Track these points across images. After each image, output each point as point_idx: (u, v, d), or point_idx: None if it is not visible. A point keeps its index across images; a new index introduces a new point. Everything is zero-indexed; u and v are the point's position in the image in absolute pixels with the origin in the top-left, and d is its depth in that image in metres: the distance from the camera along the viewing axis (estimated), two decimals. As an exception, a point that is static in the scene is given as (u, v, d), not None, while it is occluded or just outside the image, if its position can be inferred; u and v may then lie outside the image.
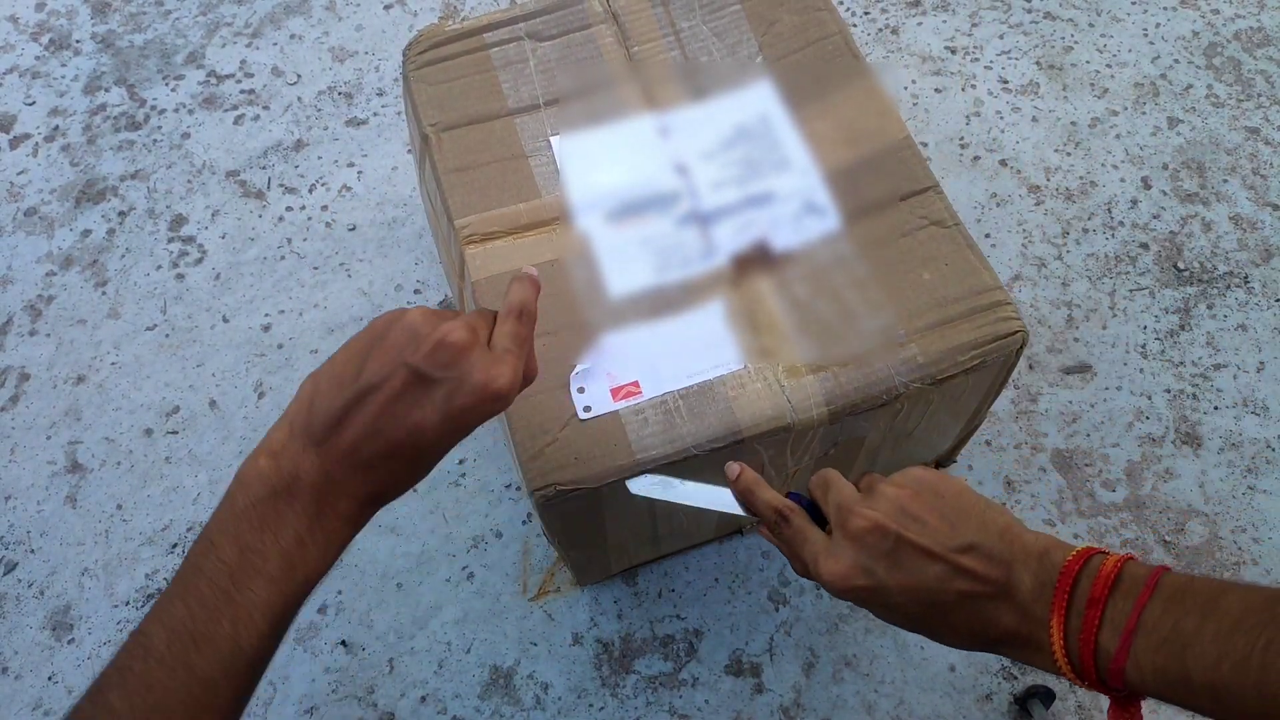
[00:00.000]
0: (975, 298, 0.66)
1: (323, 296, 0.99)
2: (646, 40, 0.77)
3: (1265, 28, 1.13)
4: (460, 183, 0.72)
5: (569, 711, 0.79)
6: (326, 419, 0.44)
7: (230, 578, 0.41)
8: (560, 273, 0.68)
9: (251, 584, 0.41)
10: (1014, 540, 0.45)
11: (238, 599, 0.40)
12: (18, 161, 1.09)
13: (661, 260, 0.68)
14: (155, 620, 0.41)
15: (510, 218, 0.70)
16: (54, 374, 0.96)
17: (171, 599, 0.41)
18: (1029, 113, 1.08)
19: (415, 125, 0.77)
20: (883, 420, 0.67)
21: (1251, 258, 0.98)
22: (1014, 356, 0.67)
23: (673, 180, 0.71)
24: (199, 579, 0.41)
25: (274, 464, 0.43)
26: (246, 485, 0.43)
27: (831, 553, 0.49)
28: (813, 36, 0.77)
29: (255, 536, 0.42)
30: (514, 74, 0.76)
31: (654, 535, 0.77)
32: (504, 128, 0.74)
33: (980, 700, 0.78)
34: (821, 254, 0.68)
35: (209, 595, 0.40)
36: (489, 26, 0.77)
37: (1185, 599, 0.41)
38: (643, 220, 0.70)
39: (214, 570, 0.41)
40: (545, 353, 0.65)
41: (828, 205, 0.69)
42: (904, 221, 0.69)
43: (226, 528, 0.42)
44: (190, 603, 0.40)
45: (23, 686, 0.81)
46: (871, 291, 0.66)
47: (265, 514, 0.42)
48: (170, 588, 0.41)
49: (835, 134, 0.72)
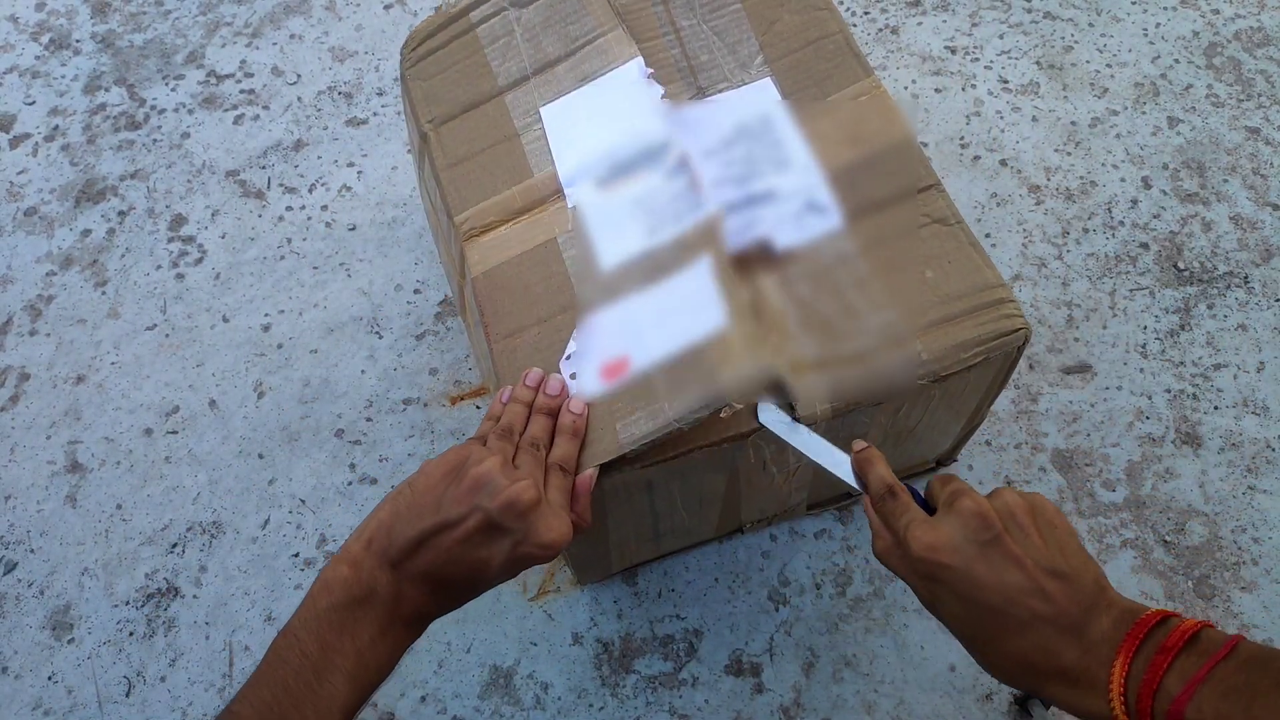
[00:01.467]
0: (978, 295, 0.66)
1: (323, 296, 0.99)
2: (646, 39, 0.77)
3: (1265, 28, 1.13)
4: (457, 176, 0.72)
5: (569, 711, 0.79)
6: (404, 544, 0.50)
7: (313, 671, 0.46)
8: (554, 253, 0.68)
9: (331, 678, 0.46)
10: (1103, 591, 0.46)
11: (319, 690, 0.46)
12: (18, 161, 1.09)
13: (652, 220, 0.68)
14: (244, 702, 0.46)
15: (504, 204, 0.70)
16: (54, 374, 0.96)
17: (258, 684, 0.46)
18: (1029, 112, 1.08)
19: (414, 125, 0.77)
20: (883, 417, 0.67)
21: (1252, 258, 0.98)
22: (1016, 353, 0.67)
23: (661, 127, 0.71)
24: (284, 669, 0.46)
25: (355, 574, 0.49)
26: (330, 589, 0.49)
27: (930, 524, 0.50)
28: (813, 36, 0.77)
29: (335, 637, 0.47)
30: (501, 49, 0.76)
31: (655, 533, 0.77)
32: (495, 108, 0.74)
33: (980, 700, 0.78)
34: (824, 252, 0.68)
35: (293, 685, 0.46)
36: (474, 3, 0.77)
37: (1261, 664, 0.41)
38: (633, 179, 0.69)
39: (298, 663, 0.46)
40: (539, 341, 0.65)
41: (829, 204, 0.69)
42: (906, 220, 0.69)
43: (309, 625, 0.48)
44: (276, 690, 0.45)
45: (23, 686, 0.81)
46: (874, 290, 0.66)
47: (344, 618, 0.48)
48: (257, 673, 0.47)
49: (837, 133, 0.72)
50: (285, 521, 0.87)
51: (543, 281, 0.67)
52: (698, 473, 0.67)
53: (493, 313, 0.67)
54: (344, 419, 0.92)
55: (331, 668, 0.46)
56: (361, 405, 0.93)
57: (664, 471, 0.64)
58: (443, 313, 0.97)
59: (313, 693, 0.45)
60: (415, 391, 0.93)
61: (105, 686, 0.81)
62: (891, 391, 0.63)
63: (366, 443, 0.91)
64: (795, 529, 0.85)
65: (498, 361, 0.65)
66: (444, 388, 0.94)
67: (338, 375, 0.95)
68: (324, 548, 0.86)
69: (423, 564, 0.50)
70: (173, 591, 0.85)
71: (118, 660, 0.82)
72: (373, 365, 0.95)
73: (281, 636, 0.48)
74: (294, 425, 0.92)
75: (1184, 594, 0.82)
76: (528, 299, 0.67)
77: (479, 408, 0.92)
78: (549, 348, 0.65)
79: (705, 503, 0.74)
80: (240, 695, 0.46)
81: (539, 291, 0.67)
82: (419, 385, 0.94)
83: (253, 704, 0.45)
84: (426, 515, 0.50)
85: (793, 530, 0.85)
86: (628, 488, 0.65)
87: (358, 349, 0.96)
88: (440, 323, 0.97)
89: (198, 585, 0.85)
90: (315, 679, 0.46)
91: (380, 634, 0.49)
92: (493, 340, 0.66)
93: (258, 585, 0.85)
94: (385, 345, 0.96)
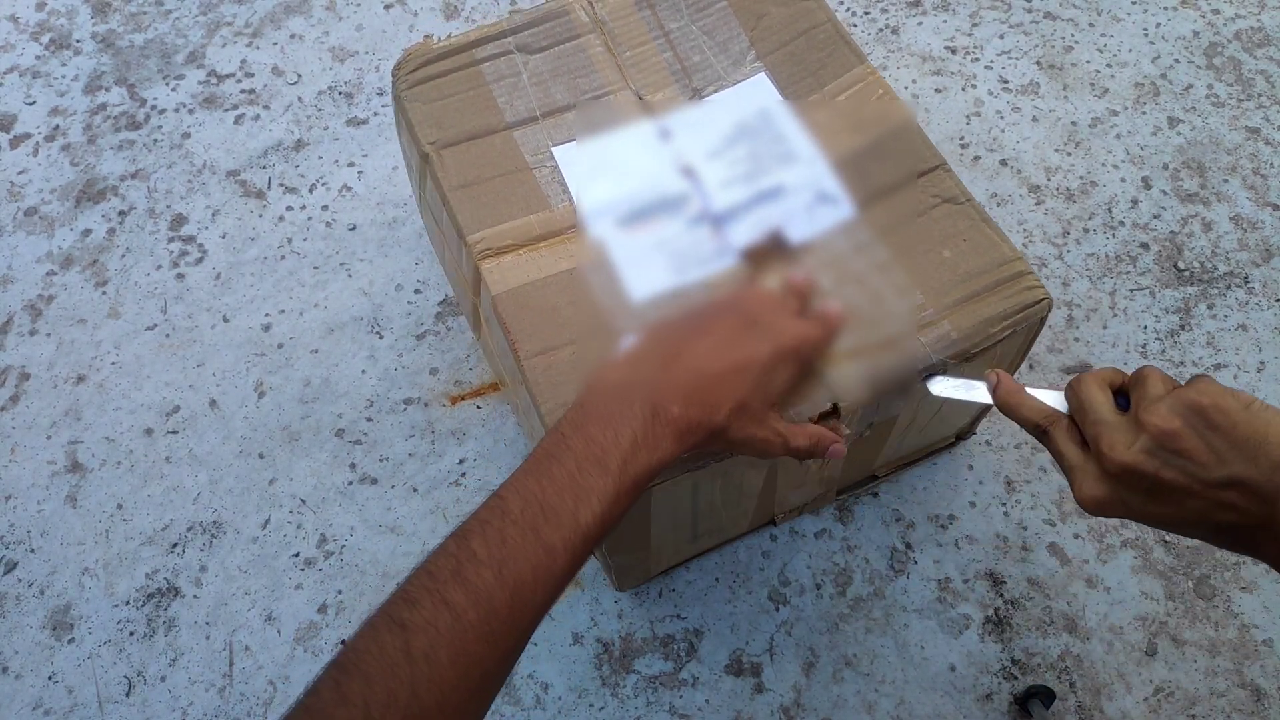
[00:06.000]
0: (997, 270, 0.66)
1: (323, 296, 0.99)
2: (637, 44, 0.77)
3: (1265, 28, 1.13)
4: (467, 198, 0.71)
5: (569, 711, 0.79)
6: (663, 351, 0.53)
7: (577, 464, 0.48)
8: (579, 282, 0.68)
9: (593, 471, 0.48)
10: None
11: (581, 482, 0.47)
12: (18, 161, 1.09)
13: (679, 262, 0.68)
14: (511, 489, 0.47)
15: (523, 230, 0.70)
16: (54, 374, 0.96)
17: (526, 475, 0.48)
18: (1029, 112, 1.08)
19: (411, 143, 0.76)
20: (913, 400, 0.68)
21: (1252, 258, 0.98)
22: (1039, 324, 0.68)
23: (679, 183, 0.71)
24: (550, 462, 0.48)
25: (618, 376, 0.52)
26: (595, 391, 0.52)
27: (1089, 477, 0.50)
28: (802, 27, 0.77)
29: (600, 432, 0.49)
30: (508, 88, 0.76)
31: (694, 534, 0.77)
32: (503, 141, 0.74)
33: (980, 700, 0.78)
34: (839, 242, 0.68)
35: (558, 475, 0.47)
36: (478, 42, 0.77)
37: None
38: (655, 223, 0.70)
39: (564, 456, 0.48)
40: (575, 360, 0.65)
41: (839, 193, 0.69)
42: (917, 202, 0.69)
43: (578, 424, 0.50)
44: (542, 480, 0.47)
45: (23, 686, 0.81)
46: (895, 274, 0.66)
47: (609, 414, 0.50)
48: (524, 465, 0.49)
49: (837, 122, 0.73)
50: (286, 521, 0.87)
51: (570, 305, 0.67)
52: (739, 469, 0.68)
53: (519, 330, 0.67)
54: (344, 419, 0.92)
55: (594, 462, 0.48)
56: (362, 405, 0.93)
57: (709, 472, 0.64)
58: (443, 313, 0.97)
59: (575, 484, 0.47)
60: (416, 391, 0.93)
61: (105, 686, 0.81)
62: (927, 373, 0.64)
63: (367, 442, 0.91)
64: (795, 529, 0.85)
65: (530, 377, 0.65)
66: (444, 387, 0.94)
67: (338, 375, 0.95)
68: (324, 547, 0.86)
69: (683, 367, 0.52)
70: (173, 591, 0.85)
71: (118, 660, 0.82)
72: (373, 365, 0.95)
73: (549, 437, 0.50)
74: (294, 425, 0.92)
75: (1184, 594, 0.82)
76: (556, 321, 0.67)
77: (479, 407, 0.92)
78: (587, 366, 0.65)
79: (744, 498, 0.75)
80: (508, 484, 0.48)
81: (567, 314, 0.67)
82: (419, 385, 0.94)
83: (519, 492, 0.47)
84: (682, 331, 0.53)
85: (793, 530, 0.85)
86: (674, 491, 0.65)
87: (358, 349, 0.96)
88: (440, 323, 0.97)
89: (198, 585, 0.85)
90: (579, 471, 0.48)
91: (643, 433, 0.49)
92: (522, 357, 0.66)
93: (258, 585, 0.85)
94: (386, 345, 0.96)
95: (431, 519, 0.87)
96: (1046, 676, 0.79)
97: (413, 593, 0.44)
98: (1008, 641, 0.81)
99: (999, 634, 0.81)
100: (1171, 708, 0.78)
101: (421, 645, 0.42)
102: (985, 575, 0.83)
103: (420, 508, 0.87)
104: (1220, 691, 0.78)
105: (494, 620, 0.44)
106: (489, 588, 0.44)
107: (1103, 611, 0.81)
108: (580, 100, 0.75)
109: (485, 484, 0.88)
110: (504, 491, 0.48)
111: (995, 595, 0.82)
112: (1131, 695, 0.78)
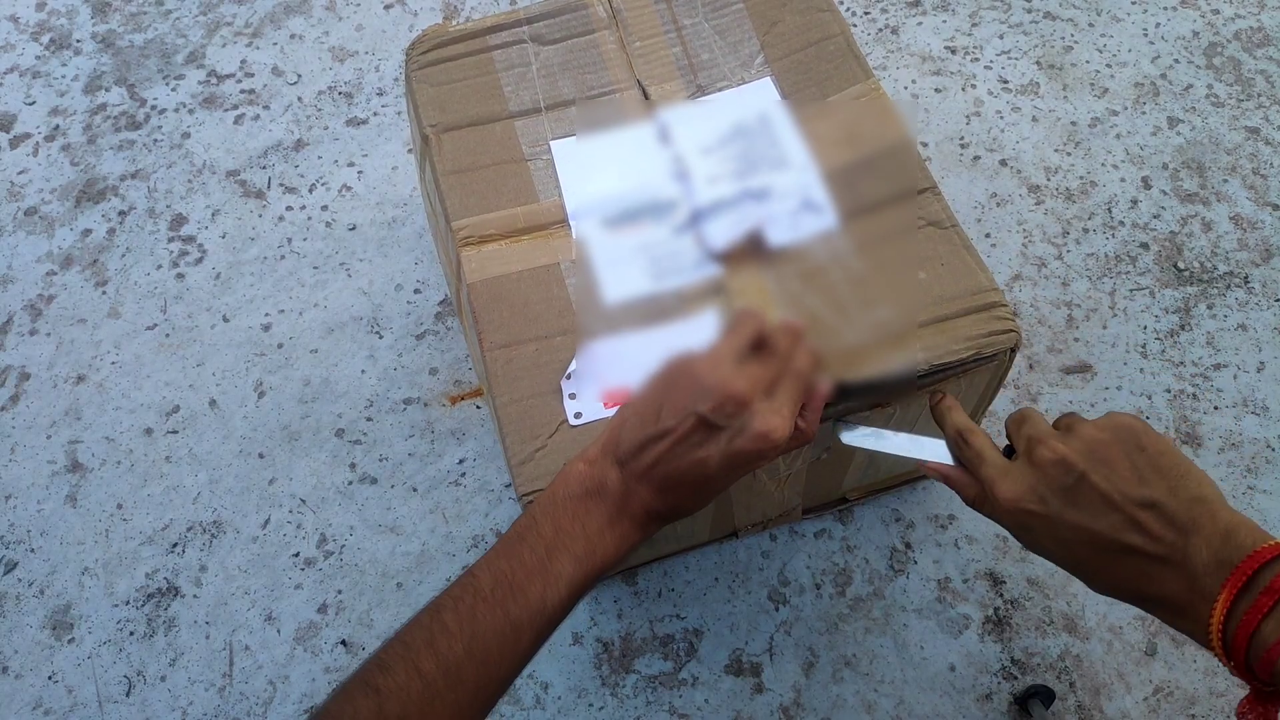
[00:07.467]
0: (971, 297, 0.66)
1: (323, 296, 0.99)
2: (648, 36, 0.77)
3: (1265, 28, 1.13)
4: (459, 184, 0.72)
5: (569, 711, 0.79)
6: (630, 447, 0.53)
7: (546, 550, 0.50)
8: (555, 278, 0.68)
9: (561, 558, 0.50)
10: (1202, 512, 0.45)
11: (550, 567, 0.50)
12: (18, 161, 1.09)
13: (658, 268, 0.68)
14: (484, 568, 0.50)
15: (507, 221, 0.70)
16: (54, 373, 0.96)
17: (498, 556, 0.51)
18: (1029, 112, 1.08)
19: (416, 125, 0.77)
20: (877, 421, 0.67)
21: (1251, 258, 0.98)
22: (1008, 358, 0.66)
23: (672, 187, 0.71)
24: (521, 545, 0.51)
25: (589, 469, 0.53)
26: (567, 481, 0.53)
27: (1010, 475, 0.51)
28: (815, 37, 0.77)
29: (569, 522, 0.52)
30: (516, 77, 0.76)
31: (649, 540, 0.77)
32: (504, 130, 0.74)
33: (980, 700, 0.78)
34: (817, 250, 0.68)
35: (528, 559, 0.50)
36: (493, 29, 0.77)
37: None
38: (640, 227, 0.70)
39: (534, 541, 0.51)
40: (538, 357, 0.65)
41: (825, 204, 0.69)
42: (902, 221, 0.69)
43: (548, 511, 0.52)
44: (512, 561, 0.50)
45: (23, 686, 0.81)
46: (866, 288, 0.66)
47: (578, 507, 0.52)
48: (496, 547, 0.52)
49: (835, 133, 0.73)
50: (285, 521, 0.88)
51: (543, 301, 0.67)
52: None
53: (487, 321, 0.67)
54: (344, 419, 0.92)
55: (562, 549, 0.50)
56: (362, 405, 0.93)
57: None
58: (443, 313, 0.97)
59: (544, 569, 0.50)
60: (415, 391, 0.93)
61: (105, 686, 0.81)
62: (891, 387, 0.63)
63: (367, 442, 0.91)
64: (795, 529, 0.85)
65: (490, 369, 0.65)
66: (444, 387, 0.94)
67: (338, 375, 0.95)
68: (324, 547, 0.86)
69: (645, 463, 0.53)
70: (173, 591, 0.85)
71: (118, 660, 0.82)
72: (373, 365, 0.95)
73: (522, 519, 0.53)
74: (294, 425, 0.92)
75: (1184, 594, 0.82)
76: (527, 315, 0.67)
77: (479, 407, 0.92)
78: (548, 364, 0.65)
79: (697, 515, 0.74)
80: (480, 563, 0.51)
81: (539, 310, 0.67)
82: (419, 385, 0.94)
83: (490, 572, 0.50)
84: (649, 423, 0.53)
85: (792, 530, 0.85)
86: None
87: (358, 349, 0.96)
88: (440, 322, 0.97)
89: (198, 585, 0.85)
90: (548, 557, 0.50)
91: (609, 524, 0.52)
92: (486, 348, 0.66)
93: (258, 585, 0.85)
94: (385, 345, 0.96)
95: (431, 519, 0.87)
96: (1046, 676, 0.79)
97: (387, 660, 0.46)
98: (1007, 641, 0.81)
99: (998, 634, 0.81)
100: (1171, 708, 0.78)
101: (394, 710, 0.45)
102: (985, 575, 0.83)
103: (420, 508, 0.88)
104: (1220, 691, 0.78)
105: (461, 690, 0.46)
106: (459, 659, 0.47)
107: (1102, 611, 0.81)
108: (584, 97, 0.75)
109: (484, 484, 0.88)
110: (477, 569, 0.50)
111: (995, 595, 0.82)
112: (1131, 695, 0.78)
